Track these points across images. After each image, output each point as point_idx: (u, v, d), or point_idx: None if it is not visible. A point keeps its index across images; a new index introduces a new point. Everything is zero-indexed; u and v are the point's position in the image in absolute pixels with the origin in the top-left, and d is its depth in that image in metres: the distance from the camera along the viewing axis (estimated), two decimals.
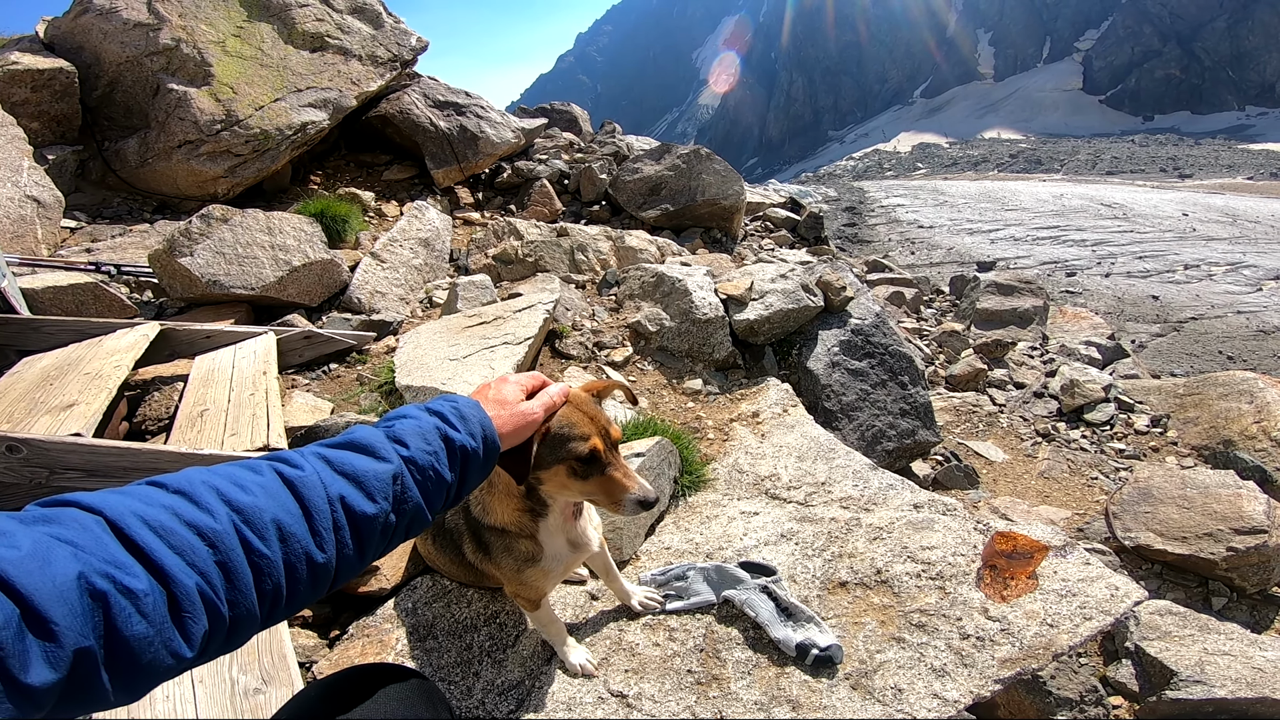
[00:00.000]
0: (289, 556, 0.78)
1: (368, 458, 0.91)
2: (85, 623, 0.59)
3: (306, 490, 0.83)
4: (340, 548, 0.84)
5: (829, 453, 2.72)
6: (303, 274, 3.93)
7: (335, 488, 0.85)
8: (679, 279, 3.72)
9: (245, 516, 0.76)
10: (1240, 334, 10.51)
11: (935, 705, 1.60)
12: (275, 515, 0.78)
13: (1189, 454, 4.11)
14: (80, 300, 3.60)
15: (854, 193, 24.54)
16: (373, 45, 6.84)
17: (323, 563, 0.81)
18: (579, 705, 1.67)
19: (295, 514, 0.80)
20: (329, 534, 0.82)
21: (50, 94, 5.43)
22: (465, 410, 1.05)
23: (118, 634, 0.62)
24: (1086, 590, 1.86)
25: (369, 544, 0.88)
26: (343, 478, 0.87)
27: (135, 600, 0.63)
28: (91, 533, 0.65)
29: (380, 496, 0.88)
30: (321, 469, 0.87)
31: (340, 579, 0.87)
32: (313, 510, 0.82)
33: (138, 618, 0.63)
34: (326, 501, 0.83)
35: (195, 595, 0.68)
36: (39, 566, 0.58)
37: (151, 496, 0.73)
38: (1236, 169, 33.85)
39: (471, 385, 2.85)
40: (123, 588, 0.63)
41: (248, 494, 0.78)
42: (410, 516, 0.93)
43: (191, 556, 0.69)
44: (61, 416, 2.22)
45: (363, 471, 0.89)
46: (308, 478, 0.84)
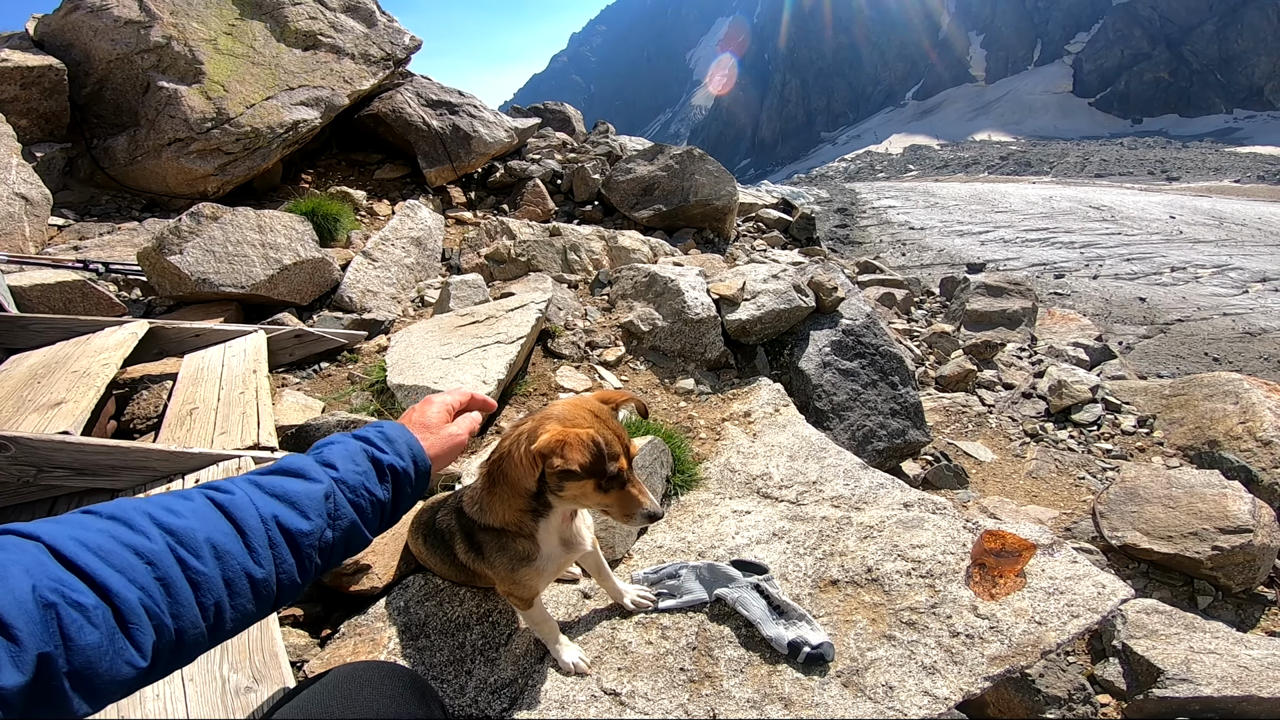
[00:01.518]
0: (226, 573, 0.82)
1: (298, 480, 0.96)
2: (44, 630, 0.63)
3: (238, 511, 0.87)
4: (278, 563, 0.88)
5: (820, 452, 2.73)
6: (293, 272, 3.91)
7: (268, 508, 0.90)
8: (671, 279, 3.73)
9: (179, 538, 0.80)
10: (1226, 336, 10.63)
11: (926, 702, 1.61)
12: (209, 535, 0.82)
13: (1175, 454, 4.15)
14: (68, 298, 3.57)
15: (846, 194, 24.64)
16: (365, 44, 6.82)
17: (262, 578, 0.85)
18: (572, 703, 1.67)
19: (229, 534, 0.84)
20: (265, 550, 0.86)
21: (39, 91, 5.38)
22: (391, 434, 1.12)
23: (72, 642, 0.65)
24: (1074, 588, 1.88)
25: (308, 560, 0.92)
26: (274, 499, 0.92)
27: (85, 612, 0.67)
28: (34, 555, 0.69)
29: (314, 514, 0.93)
30: (252, 492, 0.92)
31: (285, 594, 0.90)
32: (246, 530, 0.86)
33: (89, 628, 0.66)
34: (259, 520, 0.88)
35: (139, 608, 0.72)
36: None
37: (88, 524, 0.77)
38: (1224, 172, 34.20)
39: (464, 384, 2.84)
40: (72, 601, 0.66)
41: (180, 518, 0.82)
42: (347, 532, 0.98)
43: (131, 574, 0.73)
44: (49, 415, 2.20)
45: (294, 492, 0.94)
46: (238, 500, 0.89)
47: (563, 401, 1.44)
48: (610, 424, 1.36)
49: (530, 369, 3.30)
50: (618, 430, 1.37)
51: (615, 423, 1.38)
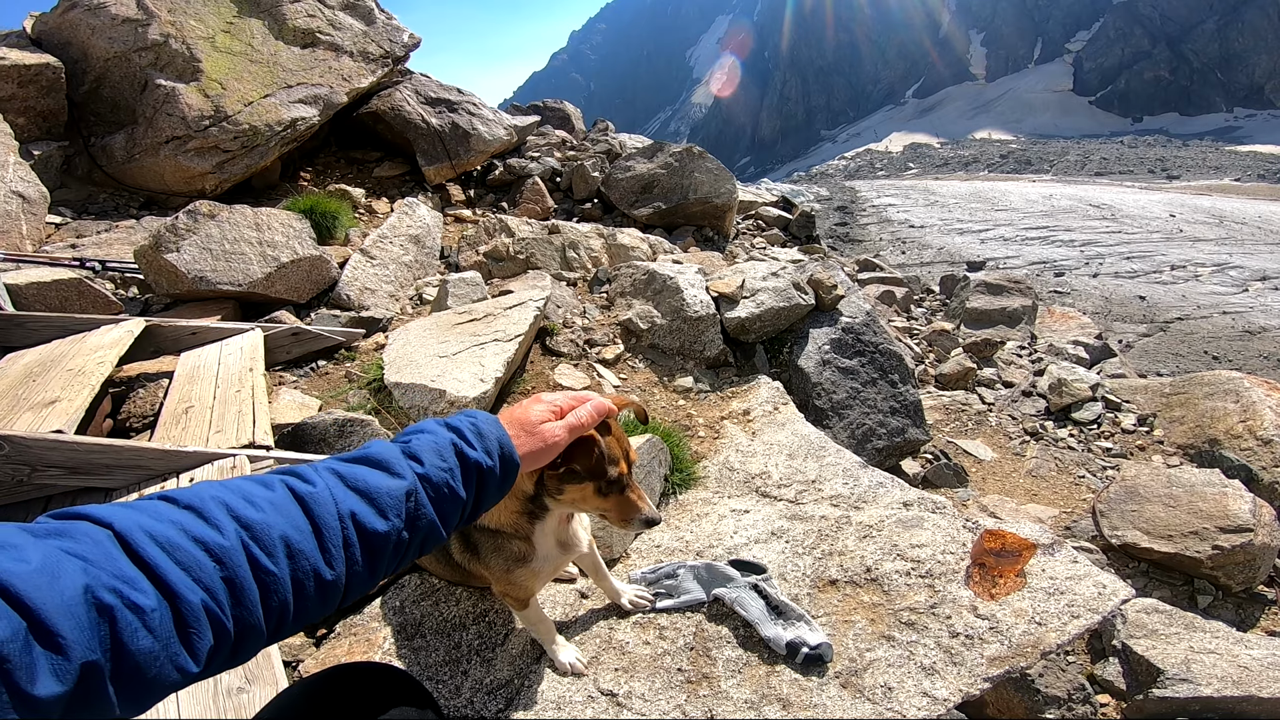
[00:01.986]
0: (296, 573, 0.78)
1: (382, 473, 0.91)
2: (92, 636, 0.60)
3: (317, 507, 0.82)
4: (350, 564, 0.83)
5: (820, 451, 2.72)
6: (291, 270, 3.89)
7: (347, 504, 0.85)
8: (670, 276, 3.71)
9: (254, 533, 0.76)
10: (1226, 334, 10.62)
11: (925, 704, 1.60)
12: (284, 532, 0.78)
13: (1175, 453, 4.14)
14: (64, 296, 3.56)
15: (846, 192, 24.62)
16: (364, 41, 6.80)
17: (331, 580, 0.81)
18: (568, 704, 1.66)
19: (304, 530, 0.80)
20: (339, 551, 0.82)
21: (37, 89, 5.37)
22: (483, 427, 1.05)
23: (124, 649, 0.62)
24: (1074, 588, 1.87)
25: (380, 561, 0.87)
26: (355, 493, 0.87)
27: (142, 615, 0.64)
28: (102, 547, 0.65)
29: (393, 514, 0.88)
30: (334, 484, 0.86)
31: (351, 595, 0.86)
32: (322, 527, 0.81)
33: (144, 633, 0.63)
34: (337, 518, 0.83)
35: (200, 611, 0.69)
36: (48, 581, 0.59)
37: (161, 512, 0.73)
38: (1224, 170, 34.18)
39: (462, 382, 2.83)
40: (130, 603, 0.63)
41: (257, 510, 0.78)
42: (424, 533, 0.93)
43: (198, 573, 0.69)
44: (44, 413, 2.19)
45: (376, 488, 0.88)
46: (319, 494, 0.84)
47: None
48: (614, 430, 1.35)
49: (528, 367, 3.28)
50: (618, 434, 1.35)
51: (616, 427, 1.37)
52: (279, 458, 2.13)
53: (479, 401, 2.76)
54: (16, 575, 0.58)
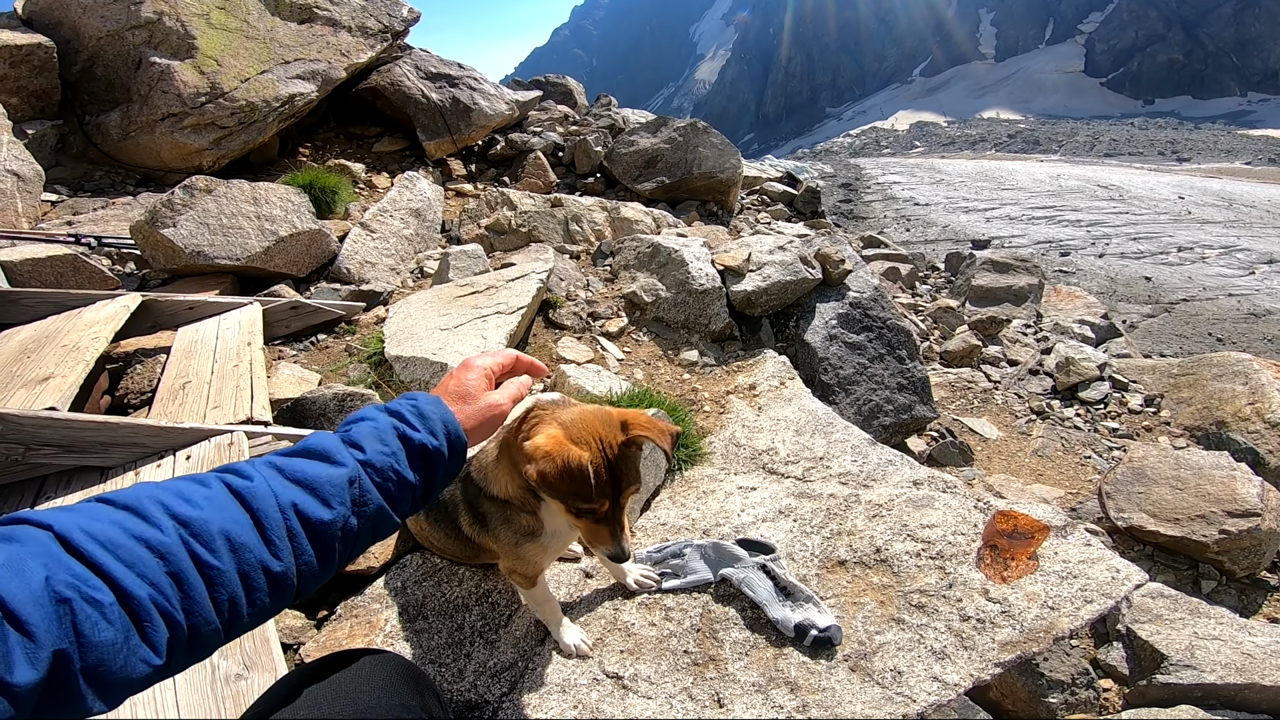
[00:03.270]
0: (242, 566, 0.78)
1: (322, 463, 0.91)
2: (59, 626, 0.62)
3: (256, 501, 0.83)
4: (298, 555, 0.84)
5: (827, 427, 2.68)
6: (290, 244, 3.83)
7: (286, 495, 0.85)
8: (675, 249, 3.65)
9: (192, 530, 0.76)
10: (1231, 316, 10.56)
11: (935, 688, 1.57)
12: (223, 527, 0.78)
13: (1182, 434, 4.11)
14: (60, 272, 3.50)
15: (850, 169, 24.38)
16: (363, 16, 6.66)
17: (280, 571, 0.82)
18: (573, 687, 1.64)
19: (245, 524, 0.81)
20: (284, 542, 0.83)
21: (29, 69, 5.29)
22: (425, 408, 1.04)
23: (86, 639, 0.63)
24: (1087, 572, 1.84)
25: (330, 549, 0.88)
26: (295, 485, 0.87)
27: (100, 609, 0.65)
28: (47, 548, 0.67)
29: (336, 501, 0.88)
30: (272, 478, 0.87)
31: (306, 585, 0.87)
32: (264, 520, 0.82)
33: (104, 624, 0.65)
34: (278, 510, 0.83)
35: (149, 604, 0.70)
36: (14, 575, 0.61)
37: (99, 513, 0.74)
38: (1235, 154, 33.87)
39: (463, 355, 2.78)
40: (88, 597, 0.65)
41: (195, 508, 0.78)
42: (373, 519, 0.93)
43: (142, 569, 0.71)
44: (37, 390, 2.14)
45: (315, 477, 0.88)
46: (256, 488, 0.84)
47: (583, 410, 1.33)
48: (614, 457, 1.26)
49: (531, 340, 3.24)
50: (618, 468, 1.27)
51: (623, 462, 1.28)
52: (277, 433, 2.09)
53: None
54: None
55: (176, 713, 1.29)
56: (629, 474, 1.30)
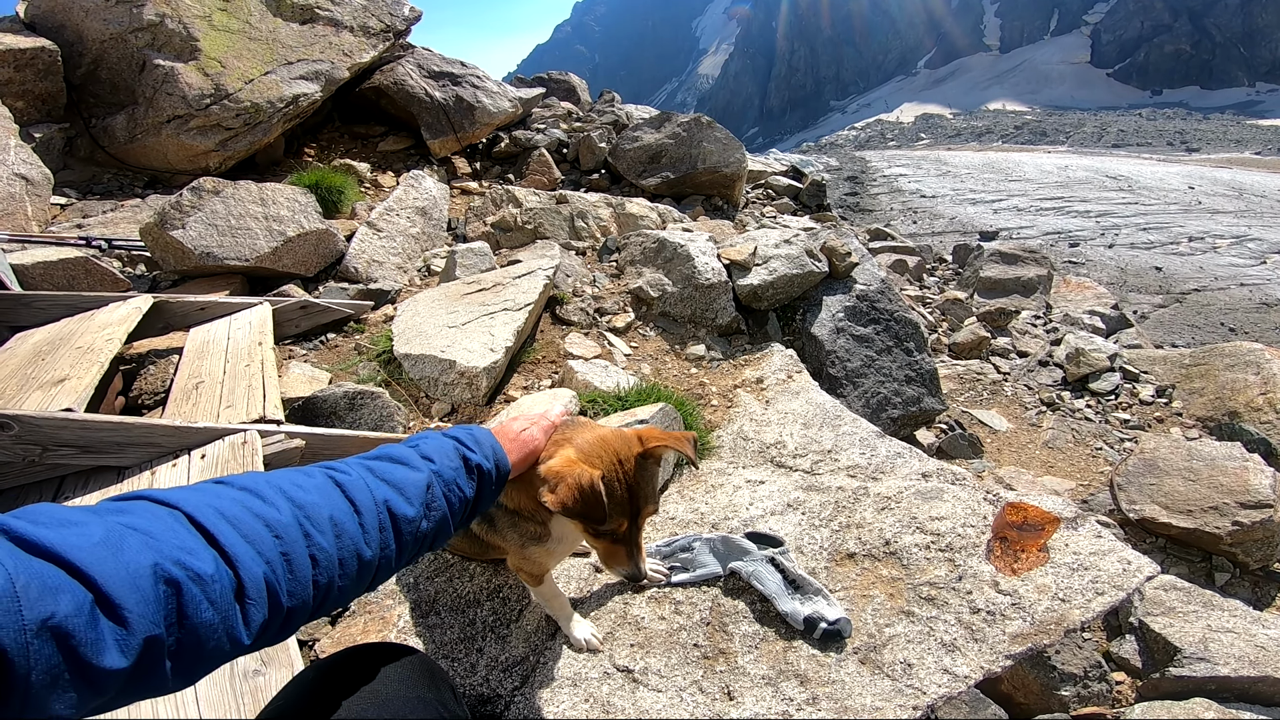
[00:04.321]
0: (342, 552, 0.83)
1: (403, 468, 1.00)
2: (157, 610, 0.62)
3: (355, 492, 0.89)
4: (383, 547, 0.90)
5: (835, 420, 2.68)
6: (297, 244, 3.86)
7: (380, 492, 0.93)
8: (681, 244, 3.65)
9: (307, 512, 0.81)
10: (1243, 306, 10.47)
11: (945, 680, 1.58)
12: (331, 512, 0.84)
13: (1194, 425, 4.08)
14: (71, 275, 3.53)
15: (856, 162, 24.27)
16: (364, 16, 6.67)
17: (369, 559, 0.88)
18: (584, 681, 1.65)
19: (348, 512, 0.87)
20: (375, 533, 0.89)
21: (33, 73, 5.32)
22: (479, 437, 1.17)
23: (188, 621, 0.64)
24: (1098, 564, 1.83)
25: (405, 547, 0.95)
26: (385, 483, 0.95)
27: (204, 586, 0.66)
28: (164, 522, 0.69)
29: (418, 502, 0.97)
30: (365, 475, 0.94)
31: (380, 577, 0.93)
32: (362, 510, 0.88)
33: (206, 605, 0.66)
34: (373, 502, 0.90)
35: (262, 583, 0.72)
36: (111, 554, 0.60)
37: (221, 492, 0.78)
38: (1245, 144, 33.56)
39: (472, 352, 2.81)
40: (194, 574, 0.65)
41: (306, 493, 0.84)
42: (437, 524, 1.01)
43: (260, 545, 0.74)
44: (53, 392, 2.17)
45: (401, 479, 0.97)
46: (355, 481, 0.91)
47: (601, 432, 1.34)
48: (630, 474, 1.27)
49: (538, 336, 3.25)
50: (636, 488, 1.28)
51: (641, 474, 1.29)
52: (290, 431, 2.10)
53: (489, 372, 2.73)
54: (79, 549, 0.58)
55: (197, 708, 1.30)
56: (646, 491, 1.31)
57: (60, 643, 0.53)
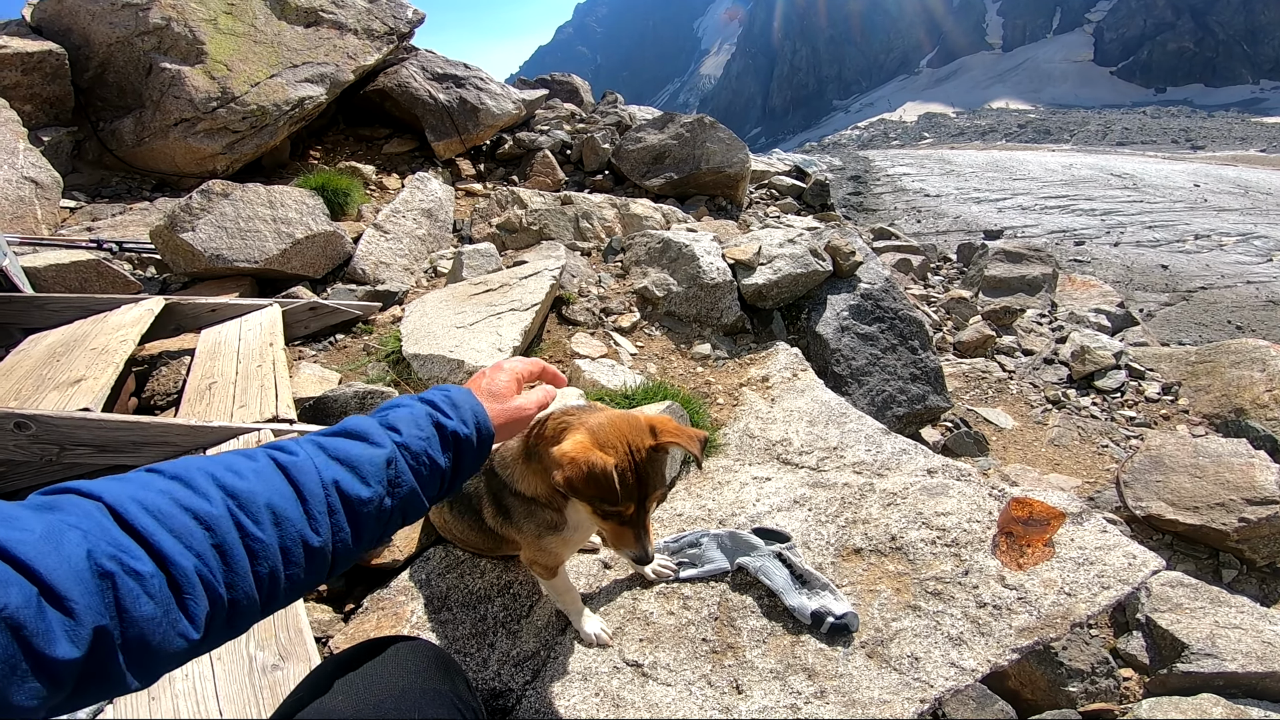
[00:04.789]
0: (283, 540, 0.79)
1: (361, 443, 0.93)
2: (99, 602, 0.61)
3: (300, 475, 0.84)
4: (335, 531, 0.85)
5: (840, 417, 2.69)
6: (306, 246, 3.89)
7: (329, 472, 0.87)
8: (686, 244, 3.67)
9: (240, 501, 0.77)
10: (1250, 304, 10.44)
11: (952, 674, 1.59)
12: (269, 499, 0.79)
13: (1200, 422, 4.08)
14: (83, 277, 3.57)
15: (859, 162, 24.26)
16: (368, 19, 6.70)
17: (318, 546, 0.83)
18: (594, 675, 1.67)
19: (289, 498, 0.82)
20: (323, 517, 0.84)
21: (41, 76, 5.36)
22: (457, 398, 1.08)
23: (128, 614, 0.63)
24: (1104, 558, 1.85)
25: (364, 528, 0.89)
26: (336, 463, 0.89)
27: (141, 581, 0.65)
28: (94, 518, 0.66)
29: (374, 480, 0.90)
30: (315, 454, 0.89)
31: (339, 564, 0.88)
32: (306, 494, 0.83)
33: (145, 598, 0.64)
34: (320, 485, 0.85)
35: (194, 576, 0.70)
36: (53, 548, 0.60)
37: (149, 482, 0.74)
38: (1249, 142, 33.45)
39: (479, 352, 2.83)
40: (129, 569, 0.64)
41: (242, 479, 0.79)
42: (405, 501, 0.95)
43: (188, 539, 0.71)
44: (69, 392, 2.20)
45: (356, 456, 0.91)
46: (301, 462, 0.86)
47: (611, 415, 1.36)
48: (641, 461, 1.28)
49: (545, 335, 3.27)
50: (645, 473, 1.29)
51: (647, 466, 1.30)
52: (302, 430, 2.13)
53: None
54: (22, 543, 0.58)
55: (217, 703, 1.33)
56: (655, 478, 1.32)
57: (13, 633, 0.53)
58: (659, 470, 1.34)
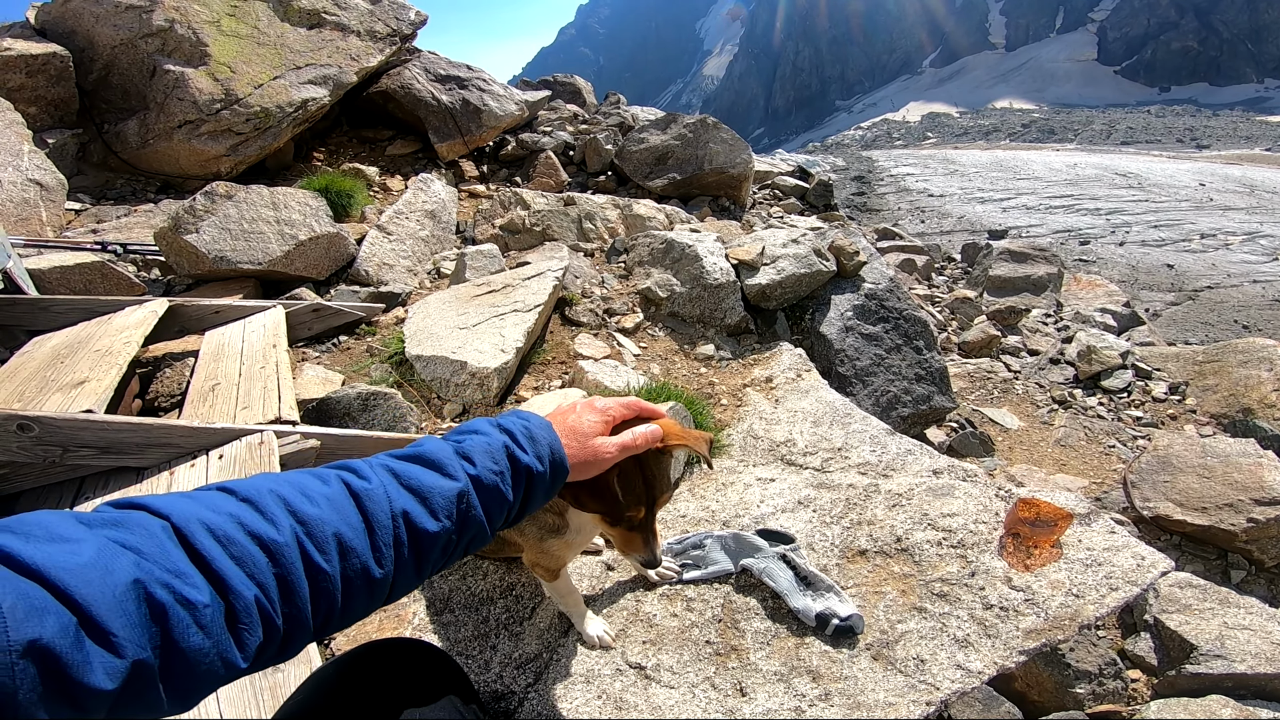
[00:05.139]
0: (347, 571, 0.77)
1: (436, 473, 0.91)
2: (143, 634, 0.59)
3: (371, 504, 0.82)
4: (399, 563, 0.83)
5: (845, 418, 2.68)
6: (309, 248, 3.89)
7: (400, 502, 0.85)
8: (689, 245, 3.66)
9: (309, 529, 0.76)
10: (1256, 303, 10.39)
11: (959, 676, 1.58)
12: (337, 529, 0.78)
13: (1208, 422, 4.05)
14: (88, 279, 3.58)
15: (862, 162, 24.24)
16: (370, 20, 6.72)
17: (380, 578, 0.81)
18: (597, 677, 1.66)
19: (358, 527, 0.80)
20: (389, 549, 0.82)
21: (45, 78, 5.38)
22: (536, 432, 1.04)
23: (175, 646, 0.61)
24: (1112, 560, 1.83)
25: (427, 560, 0.87)
26: (409, 492, 0.86)
27: (194, 611, 0.63)
28: (156, 539, 0.65)
29: (444, 515, 0.88)
30: (388, 482, 0.86)
31: (397, 592, 0.86)
32: (375, 525, 0.81)
33: (195, 630, 0.63)
34: (390, 516, 0.83)
35: (253, 607, 0.68)
36: (100, 575, 0.58)
37: (218, 504, 0.73)
38: (1255, 140, 33.35)
39: (483, 353, 2.82)
40: (182, 599, 0.62)
41: (314, 505, 0.78)
42: (472, 534, 0.93)
43: (251, 568, 0.69)
44: (73, 394, 2.20)
45: (430, 487, 0.88)
46: (374, 490, 0.84)
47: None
48: (647, 468, 1.27)
49: (548, 337, 3.27)
50: (652, 478, 1.28)
51: (654, 468, 1.29)
52: (305, 432, 2.13)
53: (500, 372, 2.75)
54: (67, 569, 0.57)
55: (217, 703, 1.32)
56: (662, 482, 1.31)
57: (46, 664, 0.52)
58: (666, 474, 1.33)
